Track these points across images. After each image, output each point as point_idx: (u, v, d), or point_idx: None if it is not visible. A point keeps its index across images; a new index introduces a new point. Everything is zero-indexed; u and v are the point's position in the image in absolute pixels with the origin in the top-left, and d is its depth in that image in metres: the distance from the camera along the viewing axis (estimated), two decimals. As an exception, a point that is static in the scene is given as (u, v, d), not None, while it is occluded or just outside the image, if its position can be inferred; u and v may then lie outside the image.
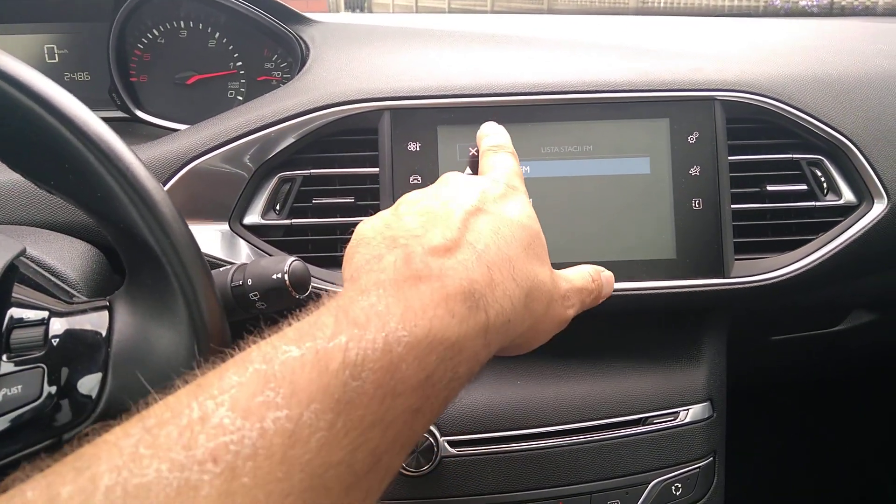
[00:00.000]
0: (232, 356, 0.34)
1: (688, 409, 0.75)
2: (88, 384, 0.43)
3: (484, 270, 0.42)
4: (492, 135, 0.60)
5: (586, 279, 0.54)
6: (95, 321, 0.45)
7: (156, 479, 0.27)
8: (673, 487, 0.73)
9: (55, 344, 0.44)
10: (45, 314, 0.45)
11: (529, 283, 0.45)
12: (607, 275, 0.57)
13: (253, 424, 0.29)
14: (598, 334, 0.78)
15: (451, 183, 0.50)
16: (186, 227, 0.45)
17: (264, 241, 0.72)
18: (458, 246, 0.43)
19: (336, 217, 0.72)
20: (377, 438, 0.33)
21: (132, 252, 0.45)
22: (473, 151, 0.60)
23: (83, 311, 0.46)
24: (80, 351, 0.44)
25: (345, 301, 0.38)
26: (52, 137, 0.41)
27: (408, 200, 0.49)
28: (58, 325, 0.44)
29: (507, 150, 0.57)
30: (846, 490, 1.44)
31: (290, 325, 0.36)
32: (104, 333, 0.45)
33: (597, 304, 0.56)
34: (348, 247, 0.47)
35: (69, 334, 0.44)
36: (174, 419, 0.29)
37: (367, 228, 0.47)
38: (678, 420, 0.75)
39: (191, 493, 0.27)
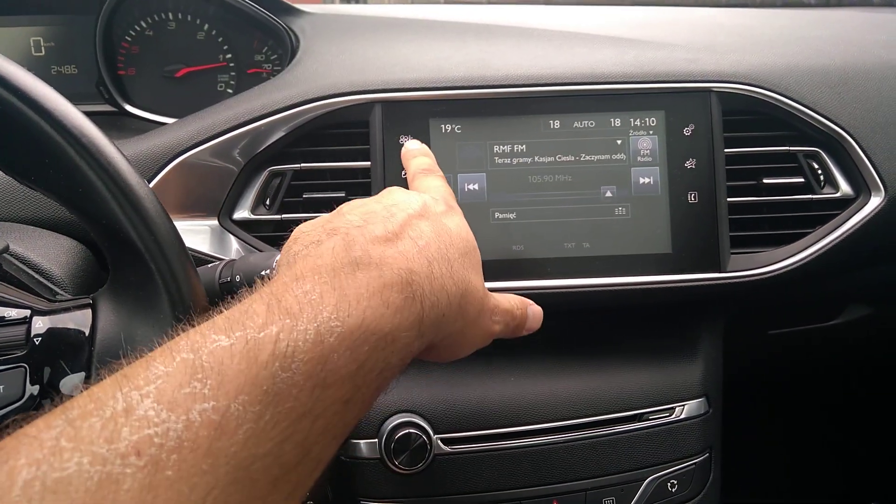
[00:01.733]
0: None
1: (683, 405, 0.75)
2: (71, 384, 0.42)
3: (424, 262, 0.43)
4: (419, 156, 0.62)
5: (513, 304, 0.55)
6: (79, 319, 0.44)
7: (76, 473, 0.26)
8: (669, 484, 0.73)
9: (37, 343, 0.43)
10: (28, 313, 0.44)
11: (465, 285, 0.46)
12: (535, 309, 0.58)
13: (178, 416, 0.29)
14: (593, 330, 0.78)
15: (395, 193, 0.51)
16: (171, 223, 0.44)
17: (254, 236, 0.71)
18: (399, 237, 0.43)
19: (327, 212, 0.71)
20: (306, 430, 0.33)
21: (115, 249, 0.44)
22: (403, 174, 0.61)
23: (66, 310, 0.45)
24: (63, 350, 0.43)
25: (278, 288, 0.37)
26: (31, 132, 0.40)
27: (350, 204, 0.49)
28: (40, 324, 0.44)
29: (437, 174, 0.59)
30: (844, 485, 1.44)
31: (220, 312, 0.36)
32: (87, 332, 0.44)
33: (518, 334, 0.57)
34: (286, 243, 0.47)
35: (52, 333, 0.43)
36: (97, 410, 0.29)
37: (307, 224, 0.47)
38: (674, 416, 0.74)
39: (112, 486, 0.27)
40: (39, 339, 0.43)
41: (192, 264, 0.45)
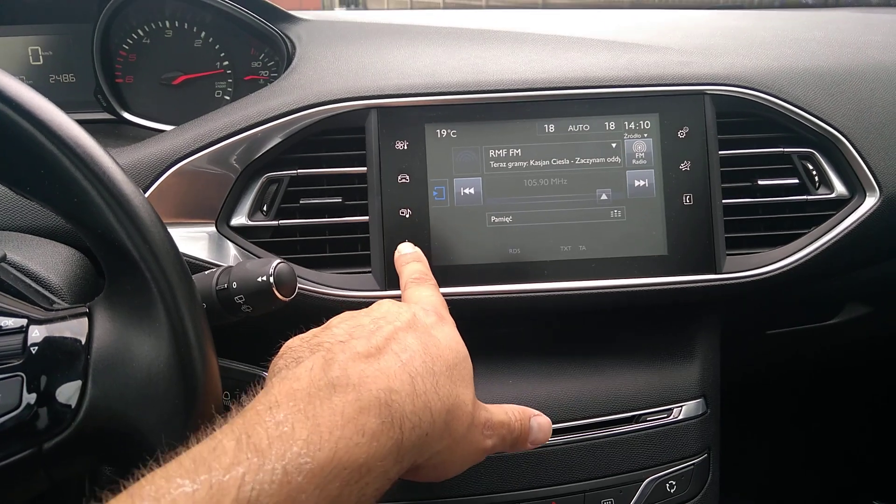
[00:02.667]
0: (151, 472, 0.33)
1: (681, 406, 0.75)
2: (67, 392, 0.43)
3: (406, 378, 0.42)
4: (412, 262, 0.63)
5: (509, 417, 0.52)
6: (75, 328, 0.44)
7: None
8: (667, 485, 0.73)
9: (34, 352, 0.43)
10: (24, 322, 0.44)
11: (452, 400, 0.45)
12: (542, 421, 0.55)
13: None
14: (591, 332, 0.78)
15: (385, 306, 0.50)
16: (166, 231, 0.44)
17: (252, 242, 0.71)
18: (381, 353, 0.43)
19: (324, 217, 0.71)
20: None
21: (111, 258, 0.44)
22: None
23: (63, 319, 0.45)
24: (60, 359, 0.43)
25: (250, 418, 0.37)
26: (27, 142, 0.40)
27: (339, 317, 0.49)
28: (37, 333, 0.44)
29: (429, 283, 0.59)
30: (842, 484, 1.44)
31: (190, 447, 0.35)
32: (84, 341, 0.44)
33: (519, 449, 0.54)
34: (274, 358, 0.46)
35: (48, 342, 0.44)
36: None
37: (295, 339, 0.47)
38: (672, 417, 0.74)
39: None
40: (36, 348, 0.43)
41: (188, 272, 0.45)
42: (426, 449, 0.43)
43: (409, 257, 0.65)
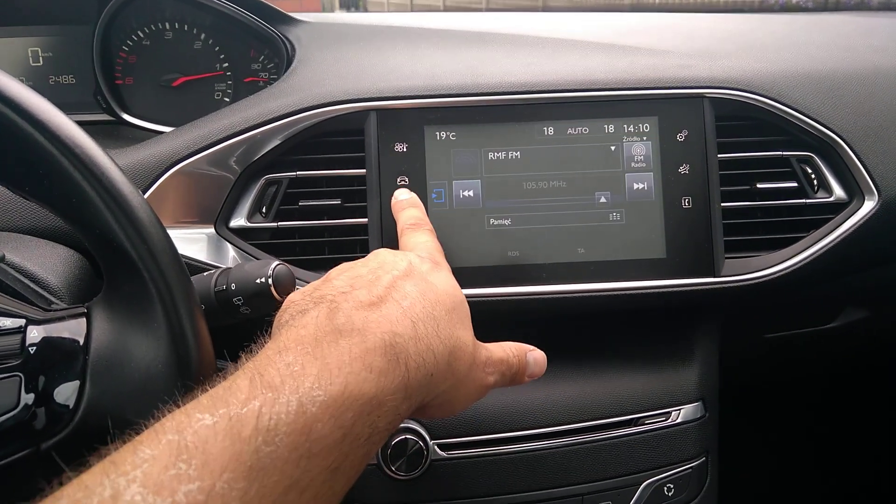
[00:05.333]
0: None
1: (680, 409, 0.75)
2: (66, 392, 0.43)
3: (408, 324, 0.43)
4: (409, 208, 0.64)
5: (507, 353, 0.55)
6: (73, 328, 0.44)
7: None
8: (665, 488, 0.73)
9: (32, 352, 0.43)
10: (23, 322, 0.44)
11: (453, 342, 0.46)
12: (537, 355, 0.57)
13: (164, 499, 0.29)
14: (589, 335, 0.78)
15: (381, 255, 0.52)
16: (164, 232, 0.44)
17: (251, 244, 0.71)
18: (383, 301, 0.44)
19: (323, 219, 0.71)
20: (293, 502, 0.33)
21: (109, 258, 0.44)
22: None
23: (61, 319, 0.45)
24: (58, 359, 0.43)
25: (261, 361, 0.38)
26: (25, 143, 0.40)
27: (337, 269, 0.50)
28: (35, 333, 0.44)
29: (425, 228, 0.61)
30: (841, 488, 1.44)
31: (206, 390, 0.36)
32: (82, 341, 0.44)
33: (518, 383, 0.56)
34: (278, 312, 0.48)
35: (46, 342, 0.44)
36: (86, 499, 0.29)
37: (297, 293, 0.48)
38: (670, 420, 0.74)
39: None
40: (34, 348, 0.43)
41: (186, 273, 0.45)
42: (432, 388, 0.45)
43: (405, 203, 0.65)
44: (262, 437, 0.33)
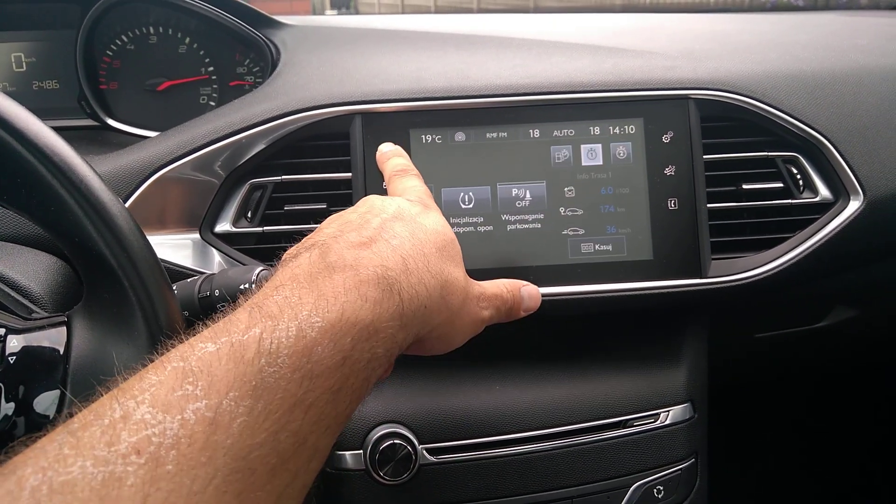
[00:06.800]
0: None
1: (668, 411, 0.75)
2: (46, 402, 0.42)
3: (399, 259, 0.44)
4: (394, 157, 0.64)
5: (501, 289, 0.56)
6: (53, 337, 0.44)
7: (80, 475, 0.28)
8: (655, 490, 0.73)
9: (12, 362, 0.43)
10: (2, 331, 0.44)
11: (444, 276, 0.48)
12: (531, 290, 0.59)
13: (174, 416, 0.31)
14: (577, 337, 0.78)
15: (370, 201, 0.52)
16: (145, 239, 0.44)
17: (236, 249, 0.71)
18: (373, 241, 0.45)
19: (309, 223, 0.71)
20: (299, 419, 0.35)
21: (89, 266, 0.44)
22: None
23: (41, 328, 0.45)
24: (38, 368, 0.43)
25: (259, 297, 0.39)
26: (1, 150, 0.40)
27: (328, 219, 0.51)
28: (15, 343, 0.43)
29: (412, 173, 0.61)
30: (832, 488, 1.44)
31: (206, 326, 0.37)
32: (62, 350, 0.44)
33: (514, 317, 0.58)
34: (275, 268, 0.48)
35: (26, 351, 0.43)
36: (97, 420, 0.30)
37: (291, 248, 0.49)
38: (659, 422, 0.74)
39: (116, 483, 0.28)
40: (14, 357, 0.43)
41: (167, 280, 0.45)
42: (427, 321, 0.46)
43: (390, 153, 0.65)
44: (264, 359, 0.34)
